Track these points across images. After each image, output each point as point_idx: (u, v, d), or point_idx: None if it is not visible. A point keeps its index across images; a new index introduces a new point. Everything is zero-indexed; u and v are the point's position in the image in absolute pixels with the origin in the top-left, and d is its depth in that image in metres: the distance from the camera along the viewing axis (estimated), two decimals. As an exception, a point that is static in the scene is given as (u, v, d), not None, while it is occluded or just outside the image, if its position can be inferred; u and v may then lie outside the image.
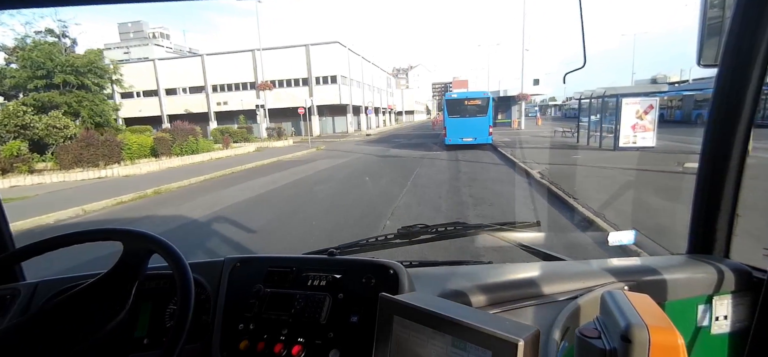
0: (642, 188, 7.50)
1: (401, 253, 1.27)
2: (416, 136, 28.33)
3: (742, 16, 0.88)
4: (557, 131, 21.23)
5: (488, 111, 16.20)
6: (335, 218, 6.24)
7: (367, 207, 6.92)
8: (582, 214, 5.52)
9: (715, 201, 1.02)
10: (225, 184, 10.49)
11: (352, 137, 30.62)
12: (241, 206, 7.56)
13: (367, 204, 7.18)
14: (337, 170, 12.17)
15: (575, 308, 0.83)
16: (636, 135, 12.32)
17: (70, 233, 0.77)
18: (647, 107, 12.13)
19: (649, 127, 12.21)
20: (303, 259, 0.93)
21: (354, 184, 9.45)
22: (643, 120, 12.20)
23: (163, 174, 12.42)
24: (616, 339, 0.56)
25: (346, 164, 13.53)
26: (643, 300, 0.62)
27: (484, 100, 16.27)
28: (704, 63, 0.99)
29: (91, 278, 0.77)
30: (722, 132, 0.97)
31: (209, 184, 10.76)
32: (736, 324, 0.97)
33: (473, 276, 0.95)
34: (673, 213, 5.28)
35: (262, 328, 0.82)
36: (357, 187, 9.06)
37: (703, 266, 0.98)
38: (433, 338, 0.55)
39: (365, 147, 20.97)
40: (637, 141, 12.33)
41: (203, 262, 0.97)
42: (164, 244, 0.75)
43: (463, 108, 16.41)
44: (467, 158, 13.44)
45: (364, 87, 42.01)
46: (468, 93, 16.89)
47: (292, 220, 6.29)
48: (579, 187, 7.84)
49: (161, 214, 7.40)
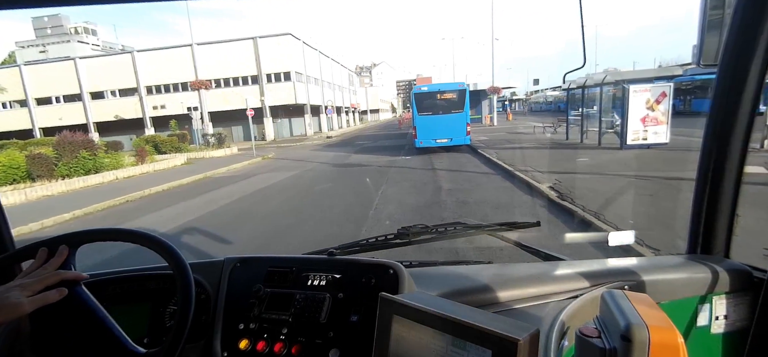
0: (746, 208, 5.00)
1: (401, 253, 1.28)
2: (383, 137, 25.50)
3: (742, 15, 0.87)
4: (537, 127, 19.13)
5: (465, 105, 13.60)
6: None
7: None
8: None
9: (714, 201, 1.01)
10: (97, 220, 7.07)
11: (310, 141, 27.27)
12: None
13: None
14: (275, 192, 9.00)
15: (575, 308, 0.82)
16: (646, 130, 10.10)
17: (69, 233, 0.76)
18: (659, 96, 9.94)
19: (661, 119, 10.02)
20: (303, 259, 0.93)
21: (289, 221, 6.37)
22: (655, 111, 10.00)
23: (14, 209, 8.72)
24: (616, 339, 0.57)
25: (291, 182, 10.36)
26: (643, 300, 0.62)
27: (459, 93, 13.65)
28: (704, 62, 0.97)
29: (92, 278, 0.83)
30: (722, 131, 0.96)
31: (68, 225, 7.28)
32: (735, 324, 0.96)
33: (473, 276, 0.96)
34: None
35: (262, 327, 0.82)
36: (292, 227, 5.98)
37: (703, 266, 0.96)
38: (433, 338, 0.54)
39: (323, 153, 17.81)
40: (648, 137, 10.12)
41: (203, 262, 0.96)
42: (164, 244, 0.75)
43: (435, 103, 13.70)
44: (445, 165, 10.70)
45: (323, 85, 38.53)
46: (440, 85, 14.22)
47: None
48: (621, 210, 5.25)
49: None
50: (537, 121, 23.90)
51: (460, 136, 13.62)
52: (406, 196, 7.23)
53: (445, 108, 13.64)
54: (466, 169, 10.08)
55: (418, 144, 13.83)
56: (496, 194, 6.94)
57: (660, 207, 5.30)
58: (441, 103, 13.69)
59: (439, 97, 13.66)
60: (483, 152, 12.28)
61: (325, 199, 7.78)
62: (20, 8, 0.80)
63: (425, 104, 13.71)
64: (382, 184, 8.82)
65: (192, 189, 10.28)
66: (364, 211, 6.23)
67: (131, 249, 0.82)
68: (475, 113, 29.61)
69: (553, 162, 9.62)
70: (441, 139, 13.68)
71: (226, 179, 11.57)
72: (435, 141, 13.71)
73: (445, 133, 13.58)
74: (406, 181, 8.92)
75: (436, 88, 13.93)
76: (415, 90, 13.93)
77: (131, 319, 0.87)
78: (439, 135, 13.62)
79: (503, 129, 22.93)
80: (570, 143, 13.29)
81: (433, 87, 14.07)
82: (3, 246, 1.03)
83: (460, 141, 13.68)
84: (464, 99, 13.53)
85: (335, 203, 7.31)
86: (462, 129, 13.57)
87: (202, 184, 11.15)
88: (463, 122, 13.55)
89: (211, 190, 9.86)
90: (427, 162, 11.80)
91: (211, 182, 11.31)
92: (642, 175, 7.24)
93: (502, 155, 11.22)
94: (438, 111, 13.64)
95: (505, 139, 16.19)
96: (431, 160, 12.17)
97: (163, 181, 11.16)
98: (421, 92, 13.82)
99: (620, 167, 8.34)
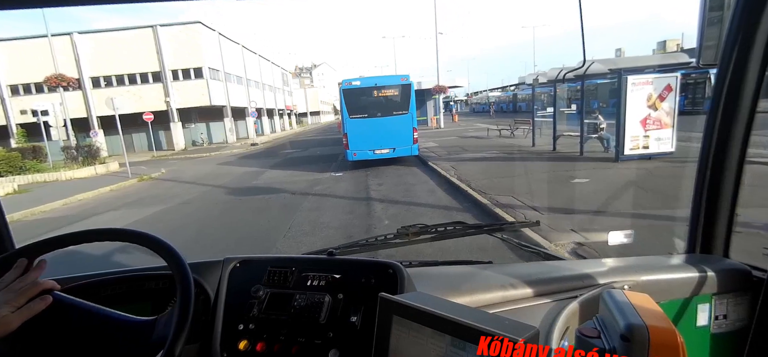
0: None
1: (401, 253, 1.34)
2: (316, 144, 21.71)
3: (741, 14, 0.86)
4: (491, 130, 16.69)
5: (410, 105, 10.41)
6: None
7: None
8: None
9: (714, 201, 1.00)
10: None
11: (229, 150, 22.59)
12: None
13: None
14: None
15: (575, 308, 0.82)
16: (648, 135, 7.63)
17: (69, 233, 0.76)
18: (664, 90, 7.50)
19: (666, 121, 7.61)
20: (303, 260, 0.92)
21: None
22: (658, 110, 7.55)
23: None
24: (615, 338, 0.56)
25: (140, 226, 6.29)
26: (642, 299, 0.62)
27: (402, 90, 10.43)
28: (704, 62, 0.97)
29: (91, 277, 0.88)
30: (722, 131, 0.95)
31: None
32: (735, 323, 0.95)
33: (473, 276, 0.96)
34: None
35: (261, 328, 0.81)
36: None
37: (703, 266, 0.95)
38: (433, 338, 0.53)
39: (232, 168, 13.65)
40: (650, 145, 7.67)
41: (203, 262, 0.94)
42: (164, 244, 0.74)
43: (371, 102, 10.36)
44: (387, 192, 7.34)
45: (248, 84, 33.48)
46: (378, 78, 10.85)
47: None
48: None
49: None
50: (484, 123, 21.75)
51: (406, 145, 10.41)
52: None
53: (384, 108, 10.34)
54: (418, 199, 6.80)
55: (351, 157, 10.38)
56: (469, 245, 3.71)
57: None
58: (379, 102, 10.37)
59: (376, 94, 10.33)
60: (437, 167, 9.17)
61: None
62: (20, 8, 0.79)
63: (359, 104, 10.29)
64: (283, 231, 5.25)
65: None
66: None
67: (130, 249, 0.77)
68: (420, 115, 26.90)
69: (539, 184, 6.71)
70: (381, 150, 10.36)
71: (34, 225, 7.12)
72: (373, 152, 10.35)
73: (386, 141, 10.28)
74: (323, 226, 5.41)
75: (371, 83, 10.49)
76: (345, 85, 10.37)
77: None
78: (377, 144, 10.29)
79: (452, 132, 20.37)
80: (540, 151, 10.70)
81: (367, 81, 10.60)
82: (3, 246, 1.01)
83: (405, 151, 10.47)
84: (409, 97, 10.35)
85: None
86: (407, 135, 10.38)
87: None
88: (408, 127, 10.36)
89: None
90: (361, 184, 8.38)
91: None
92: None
93: (463, 172, 8.15)
94: (375, 113, 10.30)
95: (459, 146, 13.35)
96: (367, 180, 8.78)
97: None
98: (352, 88, 10.33)
99: (648, 196, 5.60)
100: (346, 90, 10.23)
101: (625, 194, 5.73)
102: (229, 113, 28.88)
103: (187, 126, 27.99)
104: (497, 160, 9.78)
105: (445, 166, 9.12)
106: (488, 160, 9.97)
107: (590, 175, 7.02)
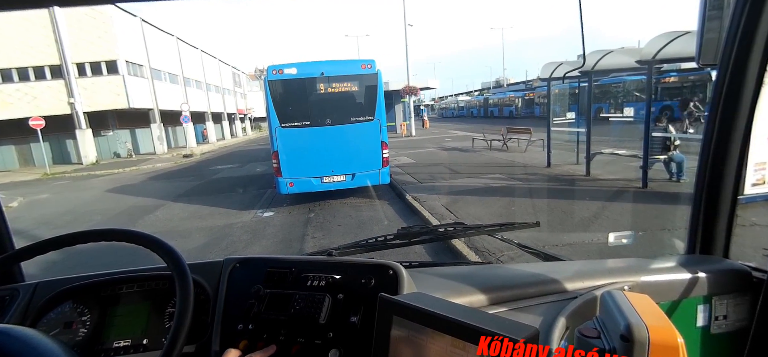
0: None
1: (401, 254, 1.22)
2: (262, 157, 17.52)
3: (741, 14, 0.85)
4: (477, 139, 13.49)
5: (377, 107, 6.80)
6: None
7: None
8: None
9: (714, 201, 0.99)
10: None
11: (152, 163, 17.91)
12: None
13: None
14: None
15: (575, 308, 0.81)
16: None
17: (69, 234, 0.75)
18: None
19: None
20: (302, 260, 0.90)
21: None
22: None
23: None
24: (615, 339, 0.56)
25: None
26: (642, 300, 0.62)
27: (365, 83, 6.79)
28: (703, 62, 0.96)
29: (91, 278, 0.88)
30: (721, 131, 0.94)
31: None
32: (735, 324, 0.94)
33: (473, 276, 0.95)
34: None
35: (261, 328, 0.79)
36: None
37: (703, 266, 0.94)
38: (433, 338, 0.53)
39: (120, 198, 9.41)
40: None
41: (202, 262, 0.93)
42: (163, 244, 0.73)
43: (316, 102, 6.64)
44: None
45: (186, 83, 28.44)
46: (326, 64, 6.88)
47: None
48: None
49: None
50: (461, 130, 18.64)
51: (371, 169, 6.79)
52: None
53: (337, 112, 6.63)
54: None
55: (285, 188, 6.59)
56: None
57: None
58: (329, 101, 6.66)
59: (323, 89, 6.60)
60: (421, 207, 5.65)
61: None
62: (20, 9, 0.79)
63: (295, 104, 6.54)
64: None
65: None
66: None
67: (129, 250, 0.80)
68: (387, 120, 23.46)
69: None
70: (332, 177, 6.69)
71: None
72: (320, 181, 6.65)
73: (341, 163, 6.63)
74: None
75: (315, 71, 6.63)
76: (271, 75, 6.49)
77: (130, 320, 0.87)
78: (327, 168, 6.61)
79: (427, 141, 17.03)
80: (567, 177, 7.50)
81: (308, 68, 6.70)
82: (2, 246, 1.01)
83: (370, 178, 6.86)
84: (375, 94, 6.75)
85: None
86: (374, 154, 6.76)
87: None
88: (375, 141, 6.75)
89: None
90: (296, 236, 4.68)
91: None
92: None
93: (470, 219, 4.68)
94: (322, 119, 6.57)
95: (443, 163, 9.97)
96: (305, 229, 5.09)
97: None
98: (284, 78, 6.49)
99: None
100: (274, 82, 6.44)
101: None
102: (158, 118, 23.91)
103: (103, 133, 22.76)
104: (512, 195, 6.40)
105: (436, 206, 5.61)
106: (497, 193, 6.58)
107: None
